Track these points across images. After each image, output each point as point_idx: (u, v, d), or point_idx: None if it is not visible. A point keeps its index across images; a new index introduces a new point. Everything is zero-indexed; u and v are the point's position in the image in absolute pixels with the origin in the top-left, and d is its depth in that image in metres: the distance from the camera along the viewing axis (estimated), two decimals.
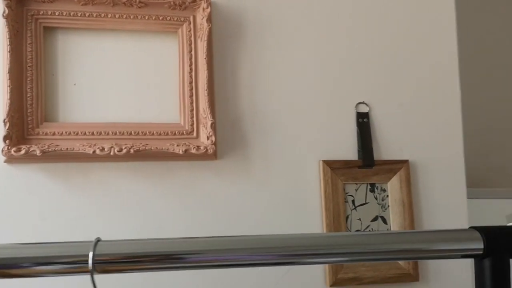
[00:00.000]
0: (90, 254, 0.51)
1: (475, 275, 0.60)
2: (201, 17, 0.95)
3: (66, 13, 0.91)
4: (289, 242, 0.58)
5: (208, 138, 0.93)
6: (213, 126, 0.92)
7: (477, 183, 1.39)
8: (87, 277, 0.52)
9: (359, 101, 1.04)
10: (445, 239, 0.59)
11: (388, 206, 1.03)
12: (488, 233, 0.58)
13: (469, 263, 1.08)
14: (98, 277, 0.52)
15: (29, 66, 0.89)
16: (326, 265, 0.98)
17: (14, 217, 0.89)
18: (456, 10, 1.11)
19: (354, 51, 1.05)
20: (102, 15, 0.93)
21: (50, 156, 0.87)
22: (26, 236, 0.89)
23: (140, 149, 0.90)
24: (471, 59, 1.28)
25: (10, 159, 0.88)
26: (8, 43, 0.87)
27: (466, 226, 1.08)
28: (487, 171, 1.20)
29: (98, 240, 0.53)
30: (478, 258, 0.58)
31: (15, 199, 0.89)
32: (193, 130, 0.94)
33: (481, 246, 0.57)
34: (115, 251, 0.53)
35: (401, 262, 1.02)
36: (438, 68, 1.09)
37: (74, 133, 0.90)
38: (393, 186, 1.04)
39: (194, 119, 0.95)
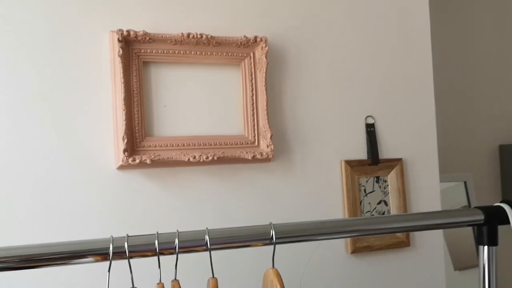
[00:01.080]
0: None
1: (477, 236, 0.96)
2: (260, 54, 1.24)
3: (161, 51, 1.16)
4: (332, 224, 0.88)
5: (268, 147, 1.23)
6: (272, 137, 1.23)
7: None
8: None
9: (367, 115, 1.39)
10: (461, 214, 0.95)
11: (389, 192, 1.40)
12: (485, 210, 0.94)
13: (441, 235, 1.48)
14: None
15: (135, 94, 1.14)
16: (348, 238, 1.33)
17: (123, 212, 1.14)
18: (431, 28, 1.48)
19: (362, 77, 1.40)
20: (187, 52, 1.19)
21: (154, 163, 1.13)
22: (129, 227, 1.14)
23: (220, 156, 1.18)
24: (445, 80, 1.61)
25: (122, 167, 1.13)
26: (122, 76, 1.11)
27: (439, 205, 1.48)
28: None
29: None
30: (480, 226, 0.95)
31: (125, 198, 1.14)
32: (255, 141, 1.24)
33: (482, 218, 0.94)
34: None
35: (398, 233, 1.40)
36: (416, 89, 1.46)
37: (170, 145, 1.16)
38: (392, 178, 1.41)
39: (256, 132, 1.24)
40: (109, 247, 0.70)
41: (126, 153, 1.10)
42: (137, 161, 1.10)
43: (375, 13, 1.42)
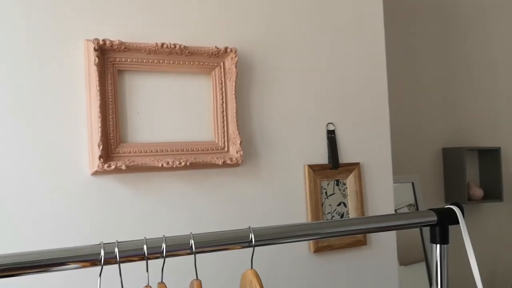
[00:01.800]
0: None
1: (430, 235, 1.06)
2: (230, 63, 1.30)
3: (135, 59, 1.20)
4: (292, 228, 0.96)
5: (237, 152, 1.29)
6: (241, 143, 1.29)
7: None
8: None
9: (328, 122, 1.48)
10: (417, 216, 1.05)
11: (347, 195, 1.50)
12: (438, 211, 1.05)
13: (394, 235, 1.59)
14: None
15: (110, 101, 1.17)
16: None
17: (98, 217, 1.17)
18: (386, 43, 1.59)
19: (323, 87, 1.48)
20: (161, 61, 1.23)
21: (128, 169, 1.17)
22: (103, 231, 1.17)
23: (192, 161, 1.23)
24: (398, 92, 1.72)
25: (97, 173, 1.15)
26: (97, 84, 1.13)
27: (392, 205, 1.59)
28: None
29: None
30: (433, 226, 1.05)
31: (99, 203, 1.17)
32: (225, 147, 1.30)
33: (435, 219, 1.04)
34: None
35: None
36: (372, 99, 1.57)
37: (144, 151, 1.20)
38: (350, 181, 1.51)
39: (226, 138, 1.30)
40: (100, 253, 0.74)
41: (101, 159, 1.13)
42: (113, 167, 1.14)
43: (336, 30, 1.52)
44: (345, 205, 1.50)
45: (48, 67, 1.14)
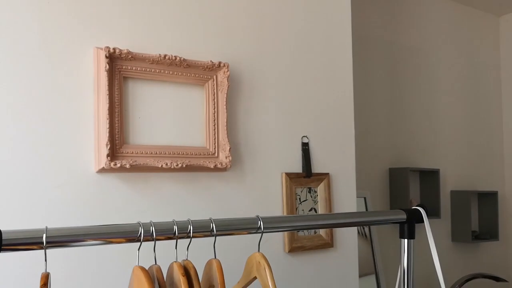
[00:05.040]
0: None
1: (400, 231, 1.24)
2: (222, 77, 1.44)
3: (140, 68, 1.31)
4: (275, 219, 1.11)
5: (226, 158, 1.42)
6: (230, 150, 1.42)
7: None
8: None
9: (303, 135, 1.65)
10: (389, 214, 1.23)
11: (318, 201, 1.67)
12: (407, 211, 1.23)
13: (356, 239, 1.77)
14: None
15: (116, 105, 1.26)
16: (286, 238, 1.56)
17: (100, 210, 1.25)
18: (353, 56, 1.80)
19: (299, 103, 1.65)
20: (162, 71, 1.34)
21: (131, 168, 1.26)
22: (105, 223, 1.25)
23: (188, 164, 1.35)
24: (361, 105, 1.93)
25: (103, 170, 1.24)
26: (107, 88, 1.23)
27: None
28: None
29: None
30: (402, 223, 1.23)
31: (102, 198, 1.25)
32: (215, 152, 1.43)
33: (405, 217, 1.22)
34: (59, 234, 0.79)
35: (323, 235, 1.66)
36: (340, 118, 1.76)
37: (145, 152, 1.30)
38: (321, 189, 1.67)
39: (216, 144, 1.43)
40: (139, 230, 0.84)
41: (109, 157, 1.22)
42: (118, 165, 1.23)
43: (309, 53, 1.70)
44: (315, 210, 1.66)
45: (59, 72, 1.23)
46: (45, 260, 0.76)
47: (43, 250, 0.77)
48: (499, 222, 3.23)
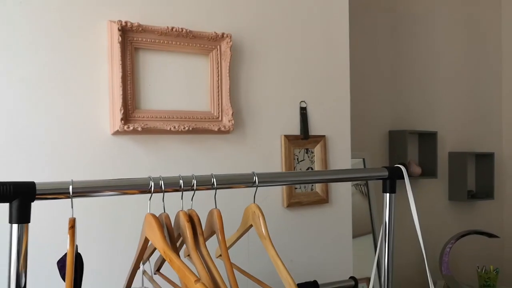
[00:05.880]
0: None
1: (382, 186, 1.38)
2: (225, 47, 1.56)
3: (149, 39, 1.43)
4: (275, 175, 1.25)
5: (229, 121, 1.56)
6: (233, 114, 1.56)
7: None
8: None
9: (301, 100, 1.78)
10: (373, 171, 1.36)
11: (315, 161, 1.81)
12: (389, 169, 1.36)
13: (349, 195, 1.92)
14: None
15: (129, 74, 1.40)
16: (284, 194, 1.71)
17: (115, 168, 1.41)
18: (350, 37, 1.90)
19: (297, 70, 1.77)
20: (169, 42, 1.47)
21: (143, 131, 1.41)
22: None
23: (194, 127, 1.49)
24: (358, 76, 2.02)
25: (118, 133, 1.39)
26: (120, 59, 1.37)
27: None
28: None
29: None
30: (385, 180, 1.36)
31: (117, 158, 1.41)
32: (219, 116, 1.56)
33: (387, 174, 1.35)
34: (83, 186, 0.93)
35: (319, 192, 1.81)
36: (336, 83, 1.88)
37: (155, 116, 1.44)
38: (317, 150, 1.81)
39: (220, 109, 1.56)
40: (150, 184, 0.99)
41: (122, 121, 1.37)
42: (131, 128, 1.38)
43: (307, 22, 1.81)
44: (312, 169, 1.80)
45: (77, 44, 1.36)
46: (72, 207, 0.91)
47: (69, 200, 0.92)
48: (495, 182, 3.36)
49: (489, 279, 3.02)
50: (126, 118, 1.40)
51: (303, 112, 1.78)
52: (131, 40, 1.41)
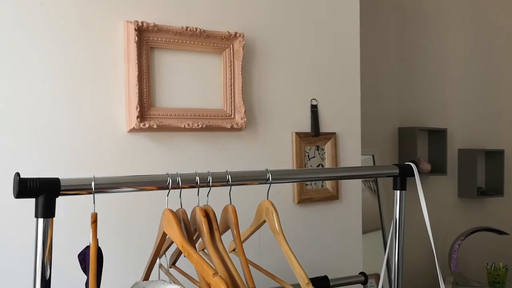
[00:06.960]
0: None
1: (393, 183, 1.40)
2: (238, 46, 1.59)
3: (164, 39, 1.47)
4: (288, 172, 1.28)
5: (241, 119, 1.59)
6: (245, 112, 1.59)
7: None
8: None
9: (312, 98, 1.80)
10: (383, 168, 1.39)
11: (325, 158, 1.84)
12: (400, 166, 1.39)
13: (360, 192, 1.94)
14: None
15: (144, 72, 1.43)
16: (295, 191, 1.74)
17: (131, 165, 1.45)
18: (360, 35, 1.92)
19: (309, 69, 1.80)
20: (184, 41, 1.50)
21: (158, 128, 1.44)
22: None
23: (207, 124, 1.52)
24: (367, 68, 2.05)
25: (134, 130, 1.42)
26: (136, 58, 1.40)
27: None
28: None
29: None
30: (395, 177, 1.39)
31: (132, 154, 1.45)
32: (232, 114, 1.60)
33: (397, 171, 1.38)
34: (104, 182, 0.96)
35: (329, 188, 1.83)
36: (347, 81, 1.90)
37: (170, 114, 1.48)
38: (328, 147, 1.84)
39: (233, 107, 1.59)
40: (168, 180, 1.02)
41: (138, 119, 1.40)
42: (147, 125, 1.41)
43: (317, 21, 1.83)
44: (323, 166, 1.83)
45: (94, 44, 1.40)
46: (94, 203, 0.95)
47: (91, 196, 0.96)
48: (504, 179, 3.37)
49: (498, 276, 3.04)
50: (142, 115, 1.43)
51: (314, 109, 1.80)
52: (147, 39, 1.44)
